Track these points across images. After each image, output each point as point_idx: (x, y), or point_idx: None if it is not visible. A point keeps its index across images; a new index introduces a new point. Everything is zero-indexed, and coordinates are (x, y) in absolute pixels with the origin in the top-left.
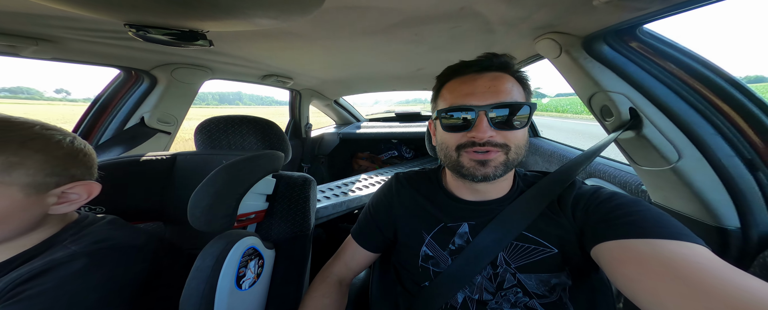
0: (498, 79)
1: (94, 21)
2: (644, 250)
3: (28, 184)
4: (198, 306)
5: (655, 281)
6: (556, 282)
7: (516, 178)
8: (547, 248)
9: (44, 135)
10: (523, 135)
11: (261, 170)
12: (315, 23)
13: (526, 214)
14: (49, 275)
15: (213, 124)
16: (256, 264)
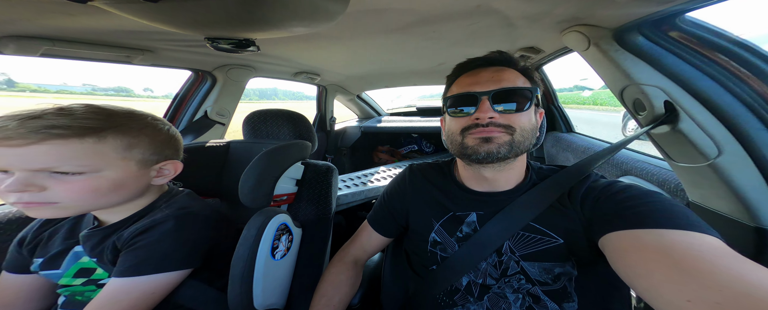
0: (501, 71)
1: (181, 35)
2: (647, 239)
3: (140, 160)
4: (243, 269)
5: (651, 267)
6: (559, 271)
7: (529, 171)
8: (553, 238)
9: (153, 124)
10: (529, 119)
11: (292, 157)
12: (338, 25)
13: (535, 206)
14: (153, 231)
15: (256, 116)
16: (286, 238)
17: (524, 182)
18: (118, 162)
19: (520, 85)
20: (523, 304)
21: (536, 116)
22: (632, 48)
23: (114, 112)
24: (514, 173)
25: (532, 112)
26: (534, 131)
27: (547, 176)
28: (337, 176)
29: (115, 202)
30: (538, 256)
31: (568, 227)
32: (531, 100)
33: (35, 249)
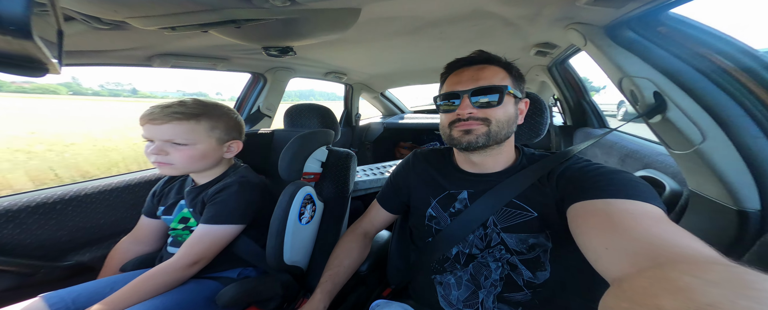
0: (481, 70)
1: (246, 46)
2: (598, 206)
3: (218, 137)
4: (278, 227)
5: (591, 225)
6: (533, 242)
7: (520, 155)
8: (529, 212)
9: (228, 113)
10: (504, 111)
11: (318, 142)
12: (357, 31)
13: (519, 185)
14: (224, 192)
15: (293, 110)
16: (311, 208)
17: (514, 165)
18: (205, 138)
19: (496, 83)
20: (502, 272)
21: (515, 107)
22: (623, 43)
23: (207, 104)
24: (502, 157)
25: (507, 105)
26: (510, 121)
27: (536, 160)
28: (356, 161)
29: (202, 167)
30: (515, 228)
31: (543, 202)
32: (503, 95)
33: (160, 200)
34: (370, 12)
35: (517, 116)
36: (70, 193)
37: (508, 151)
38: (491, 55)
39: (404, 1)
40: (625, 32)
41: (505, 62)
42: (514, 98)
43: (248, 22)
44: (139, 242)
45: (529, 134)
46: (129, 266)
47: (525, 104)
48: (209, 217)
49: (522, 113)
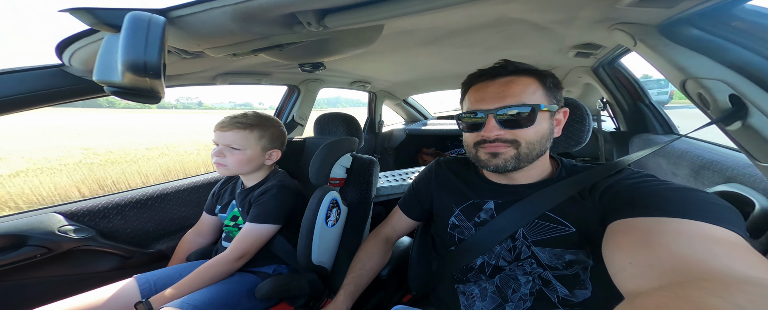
0: (508, 84)
1: (285, 63)
2: (642, 224)
3: (264, 146)
4: (308, 228)
5: (623, 242)
6: (571, 258)
7: (559, 167)
8: (565, 226)
9: (276, 124)
10: (536, 132)
11: (344, 149)
12: (380, 43)
13: (554, 198)
14: (267, 194)
15: (321, 119)
16: (336, 211)
17: (550, 177)
18: (254, 145)
19: (526, 101)
20: (533, 286)
21: (551, 122)
22: (685, 41)
23: (262, 117)
24: (535, 171)
25: (541, 123)
26: (544, 139)
27: (578, 172)
28: (378, 168)
29: (247, 170)
30: (549, 242)
31: (582, 217)
32: (535, 114)
33: (218, 199)
34: (391, 27)
35: (552, 131)
36: (156, 192)
37: (542, 164)
38: (519, 65)
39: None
40: (687, 30)
41: (537, 71)
42: (549, 113)
43: (289, 45)
44: (200, 235)
45: (567, 143)
46: (193, 256)
47: (564, 114)
48: (253, 216)
49: (559, 124)
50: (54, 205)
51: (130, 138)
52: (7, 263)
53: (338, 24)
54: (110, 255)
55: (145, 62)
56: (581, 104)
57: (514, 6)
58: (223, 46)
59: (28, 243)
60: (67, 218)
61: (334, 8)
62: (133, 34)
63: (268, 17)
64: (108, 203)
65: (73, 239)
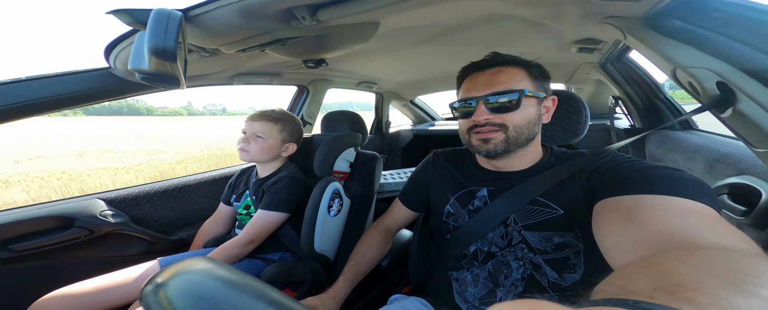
0: (497, 73)
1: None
2: (625, 202)
3: (283, 138)
4: (311, 216)
5: (611, 221)
6: (560, 241)
7: (548, 154)
8: (553, 209)
9: (295, 122)
10: (523, 116)
11: (347, 143)
12: (380, 42)
13: (545, 183)
14: (279, 183)
15: (328, 117)
16: (338, 202)
17: (539, 163)
18: (276, 136)
19: (512, 87)
20: (524, 271)
21: (538, 107)
22: (670, 33)
23: (285, 113)
24: (527, 158)
25: (527, 108)
26: (531, 123)
27: (567, 159)
28: (381, 163)
29: (265, 159)
30: (538, 226)
31: (571, 198)
32: (520, 98)
33: (233, 190)
34: (388, 24)
35: (539, 117)
36: (181, 183)
37: (533, 151)
38: (506, 56)
39: (418, 12)
40: (670, 21)
41: (523, 61)
42: (535, 99)
43: (290, 40)
44: (216, 224)
45: (565, 135)
46: (209, 244)
47: (552, 102)
48: (265, 204)
49: (548, 112)
50: (97, 192)
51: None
52: (57, 242)
53: (330, 17)
54: (139, 240)
55: (164, 47)
56: (576, 96)
57: (501, 2)
58: (232, 42)
59: (74, 225)
60: (107, 204)
61: (325, 3)
62: (156, 26)
63: (268, 13)
64: (140, 192)
65: (111, 223)
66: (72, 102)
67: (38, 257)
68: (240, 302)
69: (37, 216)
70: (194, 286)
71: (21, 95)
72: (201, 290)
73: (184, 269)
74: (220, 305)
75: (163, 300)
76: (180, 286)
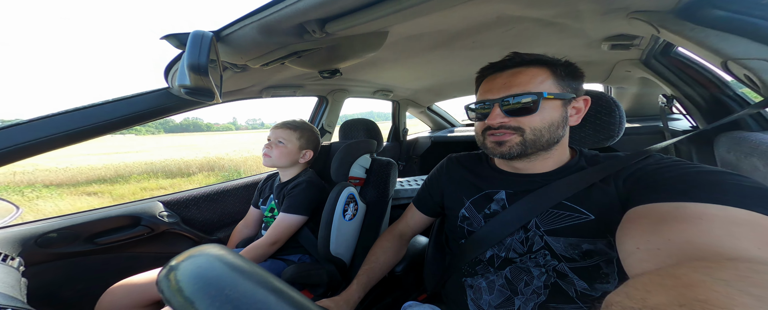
0: (515, 75)
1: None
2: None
3: (301, 145)
4: (327, 219)
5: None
6: (589, 248)
7: (577, 156)
8: (583, 214)
9: (312, 130)
10: (542, 119)
11: (362, 150)
12: (391, 50)
13: (572, 187)
14: (298, 188)
15: (345, 125)
16: (353, 206)
17: (566, 166)
18: (294, 142)
19: (531, 89)
20: (547, 279)
21: (563, 110)
22: (713, 23)
23: (304, 122)
24: (550, 161)
25: (547, 110)
26: (553, 126)
27: (599, 162)
28: (396, 170)
29: (285, 164)
30: (564, 231)
31: (603, 203)
32: (537, 101)
33: (260, 194)
34: (397, 32)
35: (564, 119)
36: (220, 188)
37: (559, 154)
38: (528, 56)
39: (423, 19)
40: (709, 12)
41: (547, 61)
42: (559, 101)
43: (305, 52)
44: (247, 225)
45: (597, 137)
46: (240, 245)
47: (585, 103)
48: (285, 207)
49: (579, 113)
50: (157, 196)
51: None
52: (127, 238)
53: (338, 29)
54: (186, 238)
55: (198, 64)
56: (605, 94)
57: (507, 4)
58: (256, 57)
59: (140, 223)
60: (164, 206)
61: (331, 16)
62: (192, 46)
63: (282, 28)
64: (188, 196)
65: (167, 223)
66: (139, 119)
67: (113, 250)
68: (244, 288)
69: (115, 215)
70: (203, 270)
71: (98, 117)
72: (209, 274)
73: (195, 254)
74: (225, 290)
75: (173, 282)
76: (189, 269)
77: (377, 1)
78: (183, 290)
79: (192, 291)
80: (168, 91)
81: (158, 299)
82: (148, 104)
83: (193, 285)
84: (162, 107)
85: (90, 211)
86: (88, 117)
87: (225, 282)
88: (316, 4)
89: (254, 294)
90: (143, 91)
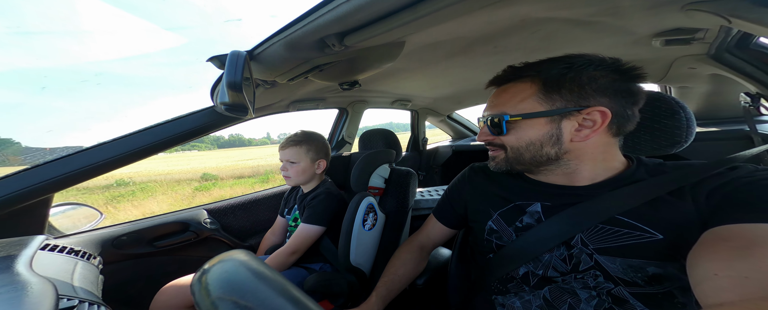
0: (503, 91)
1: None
2: (750, 232)
3: (312, 157)
4: (347, 229)
5: (717, 250)
6: (657, 272)
7: (635, 167)
8: (647, 233)
9: (318, 139)
10: (516, 138)
11: (381, 160)
12: (408, 60)
13: (629, 200)
14: (317, 199)
15: (364, 135)
16: (372, 216)
17: (619, 176)
18: (304, 158)
19: (502, 110)
20: (599, 303)
21: (549, 127)
22: None
23: (306, 133)
24: (582, 174)
25: (521, 130)
26: (531, 145)
27: (664, 172)
28: (416, 180)
29: (304, 180)
30: (621, 251)
31: (675, 220)
32: (501, 124)
33: (286, 204)
34: (414, 42)
35: (553, 136)
36: (254, 198)
37: (590, 166)
38: (519, 68)
39: (440, 27)
40: None
41: (539, 73)
42: (540, 119)
43: (325, 66)
44: (274, 234)
45: (655, 143)
46: (268, 252)
47: (601, 115)
48: (305, 218)
49: (593, 126)
50: (202, 205)
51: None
52: (178, 242)
53: (356, 42)
54: (224, 244)
55: (234, 81)
56: (664, 95)
57: (533, 6)
58: (284, 73)
59: (188, 229)
60: (207, 214)
61: (349, 29)
62: (230, 64)
63: (305, 43)
64: (227, 205)
65: (210, 229)
66: (194, 135)
67: (167, 253)
68: (264, 295)
69: (170, 221)
70: (230, 275)
71: (161, 134)
72: (235, 279)
73: (224, 259)
74: (247, 296)
75: (204, 285)
76: (218, 274)
77: (393, 12)
78: (211, 293)
79: (217, 295)
80: (213, 109)
81: None
82: (198, 122)
83: (218, 289)
84: (209, 124)
85: (150, 217)
86: (155, 134)
87: (247, 288)
88: (334, 19)
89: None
90: (191, 111)
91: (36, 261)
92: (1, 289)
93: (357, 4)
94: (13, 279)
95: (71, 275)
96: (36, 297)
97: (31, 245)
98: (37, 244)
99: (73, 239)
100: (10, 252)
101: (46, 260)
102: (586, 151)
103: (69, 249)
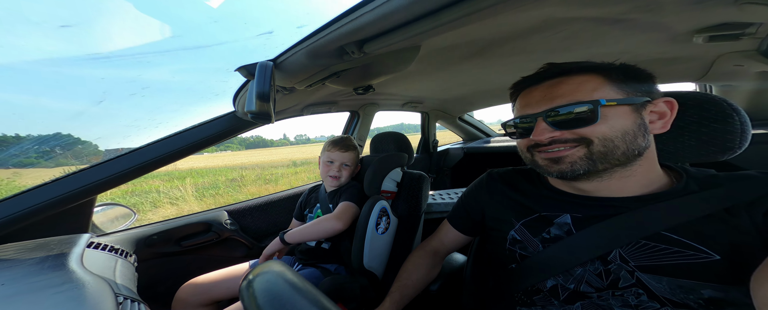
0: (555, 85)
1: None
2: None
3: (356, 162)
4: (361, 232)
5: None
6: (714, 296)
7: (684, 178)
8: (701, 252)
9: (358, 148)
10: (611, 127)
11: (393, 163)
12: (422, 63)
13: (677, 216)
14: (352, 187)
15: (376, 138)
16: (385, 220)
17: (665, 190)
18: (355, 161)
19: (580, 99)
20: None
21: (637, 115)
22: None
23: (351, 139)
24: (633, 180)
25: (612, 119)
26: (628, 136)
27: (717, 184)
28: (428, 183)
29: (348, 181)
30: (670, 270)
31: (733, 240)
32: (595, 110)
33: (306, 205)
34: (428, 46)
35: (640, 126)
36: (270, 199)
37: (644, 171)
38: (566, 65)
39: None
40: None
41: (594, 66)
42: (627, 106)
43: (343, 72)
44: None
45: (702, 149)
46: (281, 255)
47: (668, 105)
48: (345, 198)
49: (663, 118)
50: (223, 206)
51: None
52: (200, 242)
53: (375, 49)
54: (242, 244)
55: (263, 91)
56: (715, 97)
57: (557, 7)
58: (303, 79)
59: (211, 229)
60: (228, 215)
61: (369, 37)
62: (259, 75)
63: (326, 51)
64: (246, 206)
65: (230, 230)
66: (217, 139)
67: (191, 252)
68: (300, 305)
69: (194, 221)
70: (271, 285)
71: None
72: (275, 289)
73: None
74: (286, 306)
75: (251, 295)
76: (262, 284)
77: (413, 20)
78: (256, 298)
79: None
80: (234, 114)
81: (219, 298)
82: (221, 126)
83: (265, 298)
84: (231, 128)
85: (177, 218)
86: (184, 139)
87: (286, 297)
88: (356, 28)
89: None
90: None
91: (85, 259)
92: (62, 286)
93: (379, 14)
94: (70, 277)
95: (114, 272)
96: (96, 295)
97: (80, 244)
98: (84, 242)
99: (112, 237)
100: (62, 250)
101: (92, 257)
102: (651, 152)
103: (110, 247)
